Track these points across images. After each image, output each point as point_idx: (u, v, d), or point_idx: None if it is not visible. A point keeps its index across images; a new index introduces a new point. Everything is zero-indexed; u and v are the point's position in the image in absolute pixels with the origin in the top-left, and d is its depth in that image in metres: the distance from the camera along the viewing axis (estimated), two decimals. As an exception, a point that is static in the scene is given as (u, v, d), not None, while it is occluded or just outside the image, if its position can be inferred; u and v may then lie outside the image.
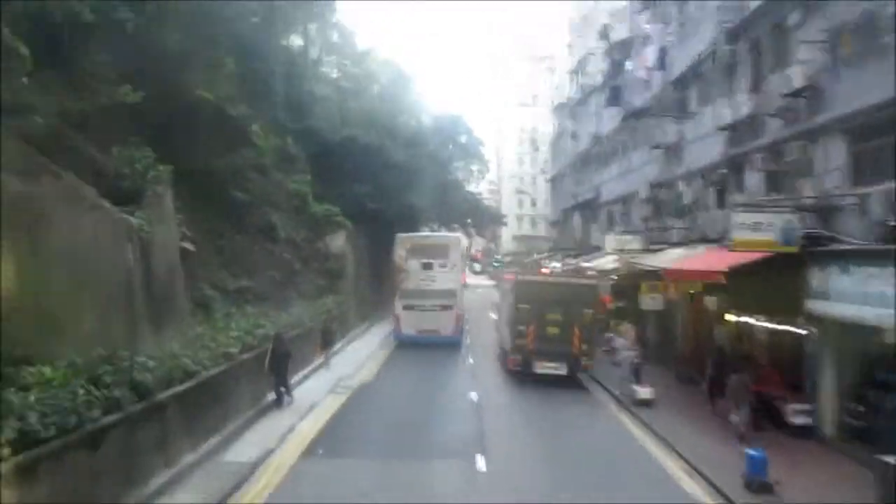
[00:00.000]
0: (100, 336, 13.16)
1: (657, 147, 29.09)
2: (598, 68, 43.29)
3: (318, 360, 25.27)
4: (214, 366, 15.90)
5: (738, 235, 16.34)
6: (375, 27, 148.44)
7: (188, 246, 23.02)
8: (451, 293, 31.97)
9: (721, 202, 23.06)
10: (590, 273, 29.00)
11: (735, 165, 22.08)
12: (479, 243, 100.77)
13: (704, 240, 23.42)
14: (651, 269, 21.75)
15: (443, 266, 32.43)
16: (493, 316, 47.23)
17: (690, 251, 22.49)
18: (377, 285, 47.27)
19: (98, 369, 12.07)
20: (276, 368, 19.00)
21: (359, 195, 40.59)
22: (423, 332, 31.65)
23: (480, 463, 14.79)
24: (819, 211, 16.62)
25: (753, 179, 20.44)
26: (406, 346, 33.05)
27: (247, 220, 29.03)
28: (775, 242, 16.11)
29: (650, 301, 22.30)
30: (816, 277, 16.12)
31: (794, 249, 16.22)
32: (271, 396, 19.24)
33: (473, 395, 21.93)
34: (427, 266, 32.37)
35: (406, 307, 32.29)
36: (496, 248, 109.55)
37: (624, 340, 22.08)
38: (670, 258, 22.57)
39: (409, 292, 32.25)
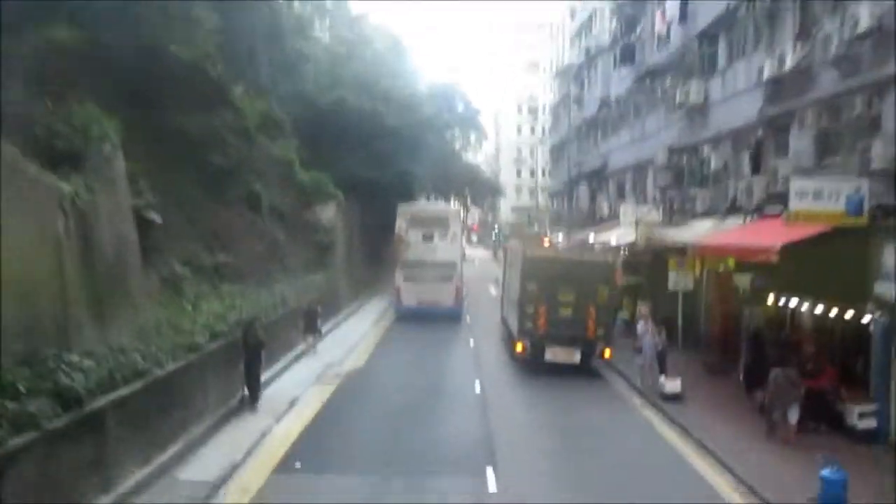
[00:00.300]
0: (19, 330, 10.46)
1: (678, 109, 26.27)
2: (605, 28, 40.29)
3: (302, 347, 22.47)
4: (172, 360, 13.24)
5: (798, 206, 13.65)
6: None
7: (153, 216, 20.37)
8: (451, 264, 31.71)
9: (756, 167, 20.32)
10: (602, 247, 26.30)
11: (775, 126, 19.31)
12: (474, 215, 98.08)
13: (734, 210, 20.78)
14: (679, 244, 19.10)
15: (443, 237, 32.20)
16: (493, 291, 44.83)
17: (721, 223, 19.80)
18: (371, 259, 44.62)
19: (9, 375, 9.47)
20: (246, 364, 16.29)
21: (350, 163, 37.72)
22: (423, 304, 31.21)
23: (491, 481, 12.16)
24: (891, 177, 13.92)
25: (802, 141, 17.66)
26: (402, 324, 30.59)
27: (226, 188, 26.17)
28: (842, 213, 13.42)
29: (679, 279, 19.59)
30: (888, 255, 13.47)
31: (863, 221, 13.55)
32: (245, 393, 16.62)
33: (477, 387, 19.36)
34: (427, 237, 32.10)
35: (407, 278, 31.81)
36: (494, 220, 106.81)
37: (645, 324, 19.45)
38: (699, 231, 19.94)
39: (409, 263, 31.78)
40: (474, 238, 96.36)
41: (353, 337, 26.46)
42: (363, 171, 38.44)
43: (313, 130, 37.09)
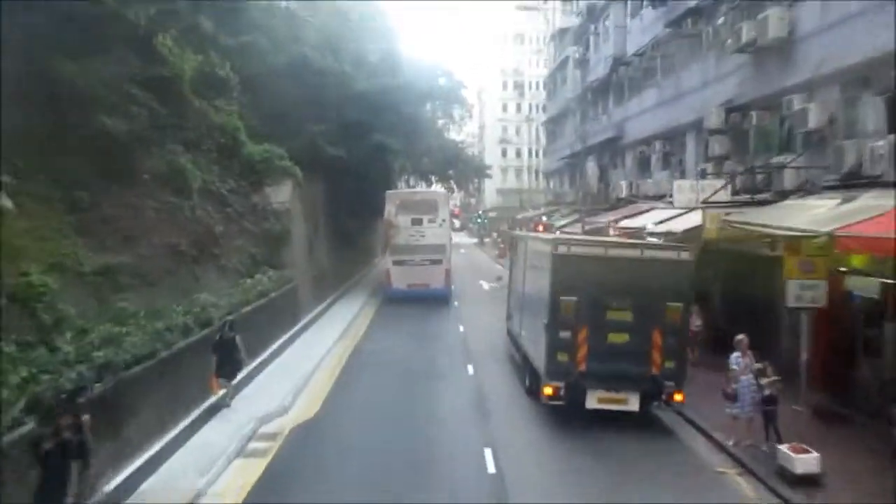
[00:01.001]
0: None
1: (739, 52, 19.36)
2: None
3: (217, 396, 14.98)
4: None
5: None
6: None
7: (4, 202, 13.98)
8: (440, 248, 31.62)
9: (896, 120, 13.49)
10: (650, 238, 19.43)
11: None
12: (456, 198, 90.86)
13: (851, 180, 14.01)
14: (794, 234, 12.20)
15: (431, 221, 32.04)
16: (487, 286, 37.92)
17: (859, 202, 12.92)
18: (343, 251, 37.46)
19: None
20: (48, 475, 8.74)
21: (314, 135, 30.50)
22: (413, 287, 31.06)
23: None
24: None
25: None
26: (381, 335, 23.83)
27: (134, 162, 19.08)
28: None
29: (803, 291, 12.55)
30: None
31: None
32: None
33: (489, 463, 12.25)
34: (416, 221, 31.99)
35: (396, 262, 31.64)
36: (477, 204, 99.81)
37: (743, 357, 12.64)
38: (818, 216, 13.00)
39: (398, 248, 31.67)
40: (456, 223, 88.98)
41: (306, 365, 19.23)
42: (329, 144, 31.24)
43: (268, 94, 29.76)
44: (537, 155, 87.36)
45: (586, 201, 36.97)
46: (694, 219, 18.27)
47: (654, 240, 18.42)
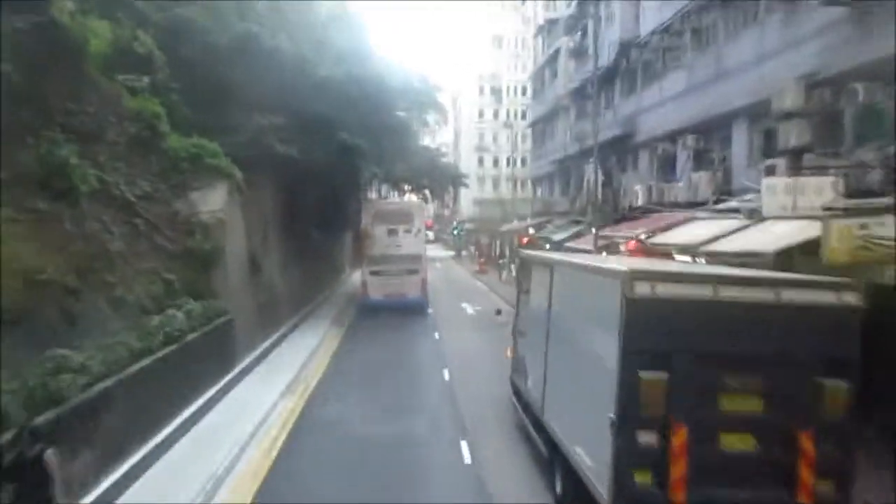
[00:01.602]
0: None
1: (836, 2, 13.84)
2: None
3: None
4: None
5: None
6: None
7: None
8: (416, 258, 31.32)
9: None
10: (700, 260, 13.79)
11: None
12: (429, 209, 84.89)
13: None
14: None
15: (407, 231, 31.66)
16: (469, 309, 32.07)
17: None
18: (301, 270, 31.33)
19: None
20: None
21: (261, 129, 24.41)
22: (389, 296, 30.45)
23: None
24: None
25: None
26: (338, 394, 17.59)
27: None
28: None
29: None
30: None
31: None
32: None
33: None
34: (392, 232, 31.49)
35: (373, 273, 31.01)
36: (452, 214, 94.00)
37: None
38: None
39: (375, 258, 31.08)
40: (430, 235, 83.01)
41: (232, 438, 13.22)
42: (282, 141, 25.16)
43: (205, 77, 23.70)
44: (517, 163, 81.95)
45: (586, 211, 31.33)
46: (783, 231, 12.63)
47: (715, 265, 12.64)
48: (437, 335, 24.96)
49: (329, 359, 20.33)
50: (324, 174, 30.56)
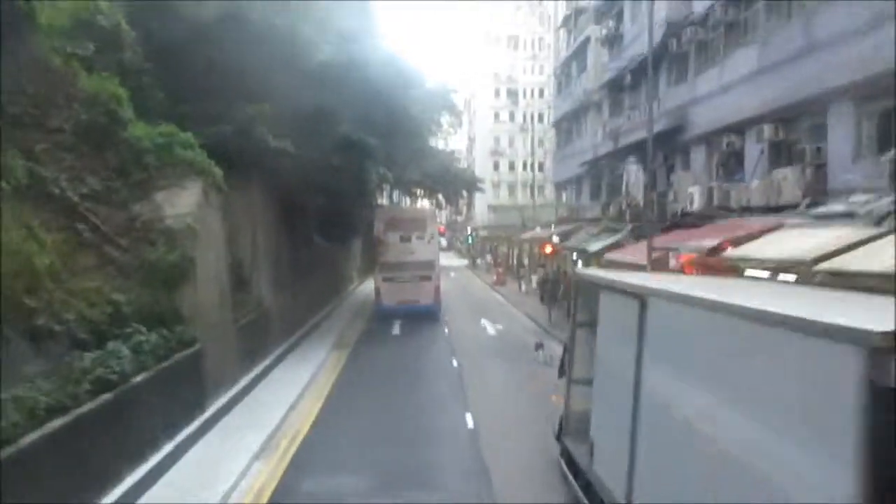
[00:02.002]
0: None
1: None
2: None
3: None
4: None
5: None
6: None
7: None
8: (429, 264, 31.14)
9: None
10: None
11: None
12: (440, 215, 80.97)
13: None
14: None
15: (420, 238, 31.59)
16: (490, 329, 28.14)
17: None
18: (299, 283, 27.49)
19: None
20: None
21: (248, 119, 20.62)
22: (403, 303, 30.39)
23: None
24: None
25: None
26: (333, 450, 13.68)
27: None
28: None
29: None
30: None
31: None
32: None
33: None
34: (405, 238, 31.42)
35: (386, 279, 30.92)
36: (466, 221, 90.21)
37: None
38: None
39: (388, 265, 30.93)
40: (443, 242, 79.22)
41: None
42: (277, 133, 21.36)
43: (182, 58, 20.01)
44: (533, 168, 78.18)
45: (622, 217, 27.44)
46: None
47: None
48: (454, 362, 21.02)
49: (323, 400, 16.40)
50: (327, 175, 26.74)
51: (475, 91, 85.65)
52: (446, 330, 27.33)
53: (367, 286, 47.30)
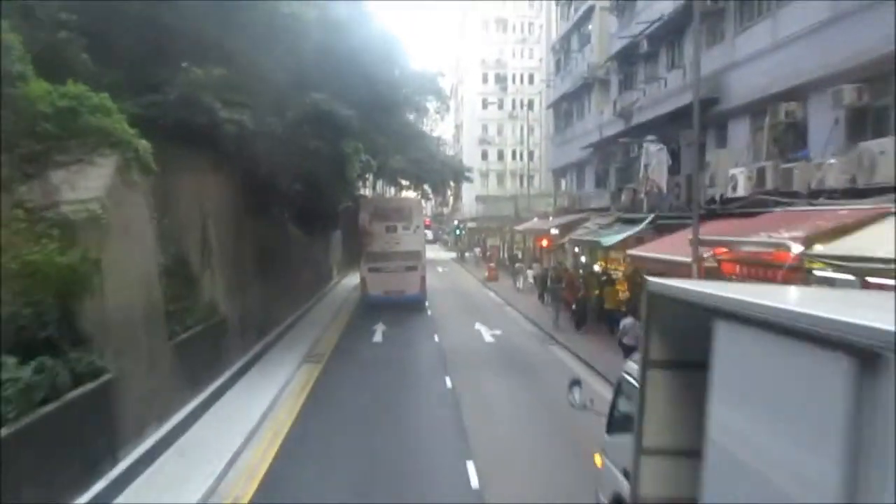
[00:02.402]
0: None
1: None
2: None
3: None
4: None
5: None
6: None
7: None
8: (415, 254, 30.82)
9: None
10: None
11: None
12: (426, 206, 76.68)
13: None
14: None
15: (406, 228, 31.20)
16: (487, 335, 24.30)
17: None
18: (267, 283, 23.43)
19: None
20: None
21: (195, 85, 16.53)
22: (389, 293, 29.92)
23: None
24: None
25: None
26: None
27: None
28: None
29: None
30: None
31: None
32: None
33: None
34: (391, 229, 30.96)
35: (372, 269, 30.46)
36: (453, 212, 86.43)
37: None
38: None
39: (374, 255, 30.47)
40: (428, 234, 75.13)
41: None
42: (230, 102, 17.29)
43: (118, 16, 15.98)
44: (525, 156, 74.40)
45: (636, 206, 23.75)
46: None
47: None
48: (448, 382, 17.11)
49: (278, 445, 12.41)
50: (298, 156, 22.81)
51: (462, 77, 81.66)
52: (436, 337, 23.45)
53: (349, 282, 43.36)
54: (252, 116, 17.56)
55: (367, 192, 57.25)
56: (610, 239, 21.75)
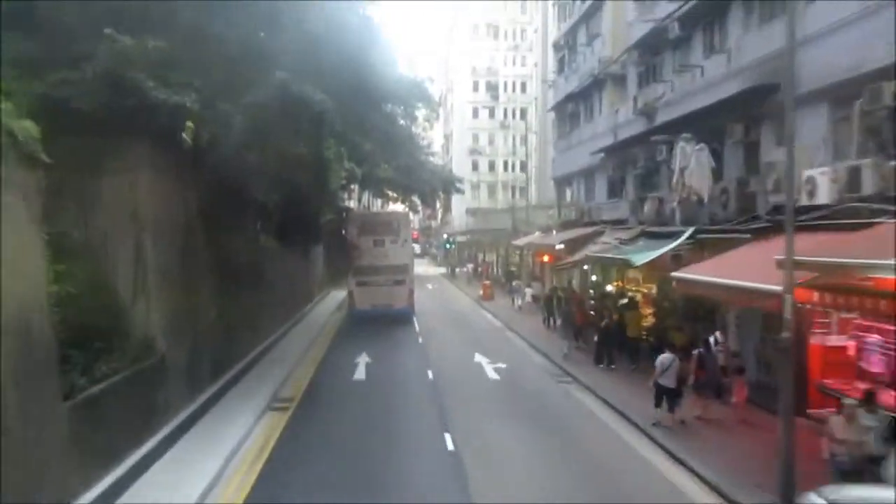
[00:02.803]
0: None
1: None
2: None
3: None
4: None
5: None
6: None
7: None
8: (402, 268, 30.60)
9: None
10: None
11: None
12: (413, 219, 72.50)
13: None
14: None
15: (393, 242, 30.81)
16: (490, 370, 20.32)
17: None
18: (225, 309, 19.31)
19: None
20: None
21: (122, 57, 12.65)
22: (377, 307, 29.80)
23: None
24: None
25: None
26: None
27: None
28: None
29: None
30: None
31: None
32: None
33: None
34: (378, 243, 30.64)
35: (360, 283, 30.32)
36: (442, 225, 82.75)
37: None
38: None
39: (362, 269, 30.32)
40: (416, 248, 70.93)
41: None
42: (167, 80, 13.42)
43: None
44: (514, 168, 70.90)
45: (664, 219, 20.14)
46: None
47: None
48: (448, 441, 13.17)
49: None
50: (274, 160, 19.10)
51: (451, 84, 78.16)
52: (430, 373, 19.52)
53: (331, 301, 39.39)
54: (199, 100, 13.70)
55: (353, 204, 53.40)
56: (642, 256, 17.97)
